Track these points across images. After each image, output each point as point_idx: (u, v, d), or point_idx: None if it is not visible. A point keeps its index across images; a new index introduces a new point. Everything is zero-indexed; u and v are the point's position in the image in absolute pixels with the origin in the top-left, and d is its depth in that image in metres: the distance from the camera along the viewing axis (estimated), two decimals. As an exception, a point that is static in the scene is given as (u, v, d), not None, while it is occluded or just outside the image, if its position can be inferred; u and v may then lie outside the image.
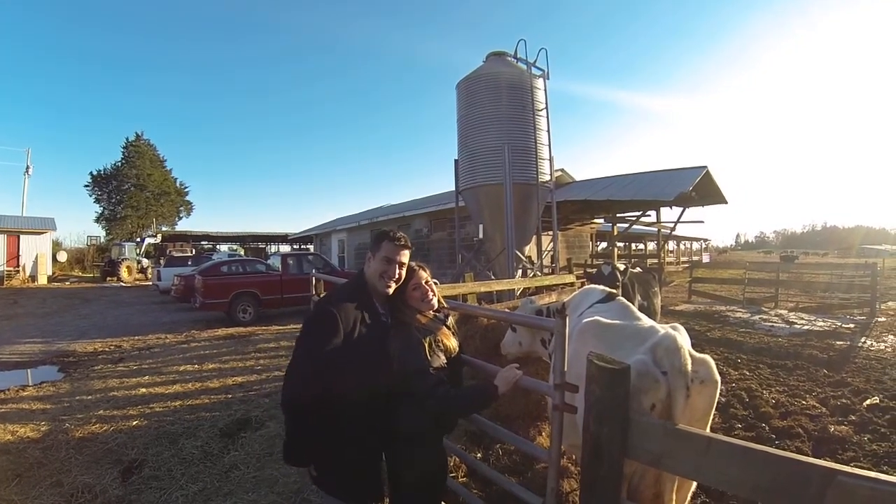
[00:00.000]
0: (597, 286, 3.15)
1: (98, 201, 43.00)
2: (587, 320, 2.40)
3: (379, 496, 1.95)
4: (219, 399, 5.23)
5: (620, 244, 20.25)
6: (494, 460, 3.43)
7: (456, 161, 9.66)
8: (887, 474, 1.02)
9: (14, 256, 23.39)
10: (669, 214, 14.01)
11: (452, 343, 2.03)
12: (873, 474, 0.99)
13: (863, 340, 8.03)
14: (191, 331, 9.93)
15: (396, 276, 1.92)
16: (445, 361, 1.96)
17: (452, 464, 3.05)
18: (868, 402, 4.67)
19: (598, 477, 1.48)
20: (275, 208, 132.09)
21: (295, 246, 37.17)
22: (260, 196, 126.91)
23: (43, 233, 24.84)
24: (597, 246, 21.90)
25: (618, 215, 14.43)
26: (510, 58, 9.31)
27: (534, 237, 9.66)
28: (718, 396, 1.96)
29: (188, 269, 15.26)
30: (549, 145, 9.16)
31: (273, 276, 11.78)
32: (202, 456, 3.76)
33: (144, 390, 5.59)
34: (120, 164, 42.88)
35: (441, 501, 2.13)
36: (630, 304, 2.67)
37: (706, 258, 41.59)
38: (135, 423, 4.47)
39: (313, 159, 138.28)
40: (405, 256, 1.94)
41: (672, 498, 1.95)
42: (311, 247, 30.73)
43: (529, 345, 3.36)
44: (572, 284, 7.01)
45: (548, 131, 9.11)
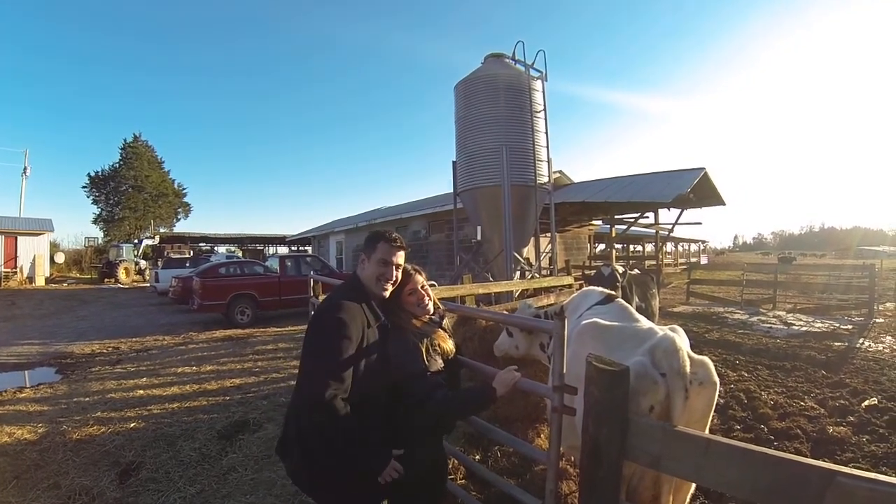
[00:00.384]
0: (596, 288, 3.15)
1: (96, 202, 42.93)
2: (586, 322, 2.40)
3: (380, 498, 1.94)
4: (217, 401, 5.21)
5: (618, 246, 20.25)
6: (493, 462, 3.42)
7: (454, 163, 9.67)
8: (886, 475, 1.02)
9: (11, 258, 23.31)
10: (667, 216, 14.06)
11: (449, 345, 2.02)
12: (872, 475, 0.99)
13: (861, 341, 8.05)
14: (188, 332, 9.91)
15: (393, 279, 1.91)
16: (443, 364, 1.95)
17: (451, 465, 3.04)
18: (866, 403, 4.68)
19: (597, 479, 1.48)
20: (273, 210, 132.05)
21: (293, 248, 37.11)
22: (258, 198, 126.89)
23: (40, 234, 24.76)
24: (595, 248, 21.93)
25: (616, 217, 14.46)
26: (508, 59, 9.33)
27: (532, 239, 9.67)
28: (717, 398, 1.96)
29: (186, 271, 15.25)
30: (548, 147, 9.18)
31: (271, 278, 11.75)
32: (200, 458, 3.75)
33: (142, 392, 5.57)
34: (118, 166, 42.78)
35: (440, 503, 2.12)
36: (629, 306, 2.67)
37: (704, 260, 41.61)
38: (132, 425, 4.45)
39: (312, 161, 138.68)
40: (401, 258, 1.92)
41: (670, 499, 1.96)
42: (309, 248, 30.67)
43: (526, 349, 3.35)
44: (570, 286, 7.01)
45: (546, 133, 9.14)
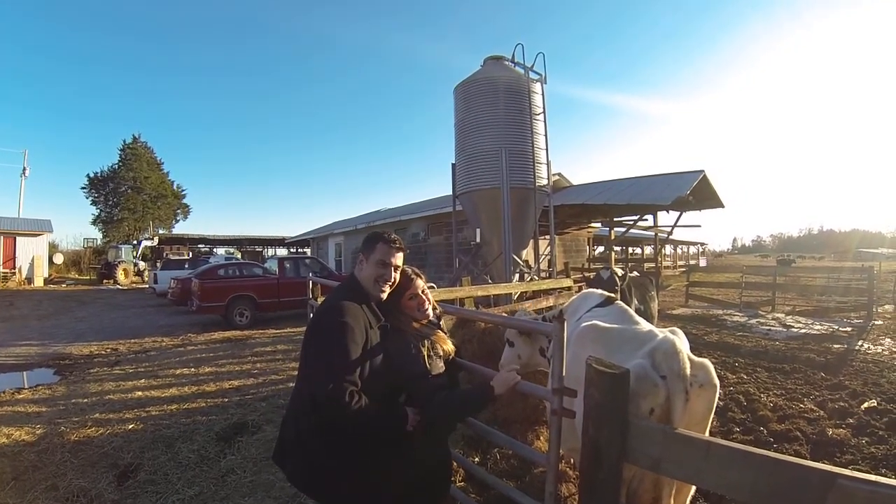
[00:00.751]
0: (595, 290, 3.14)
1: (95, 203, 42.92)
2: (585, 324, 2.39)
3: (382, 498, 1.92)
4: (215, 403, 5.20)
5: (617, 248, 20.27)
6: (492, 464, 3.41)
7: (453, 165, 9.68)
8: (886, 477, 1.02)
9: (10, 258, 23.27)
10: (666, 218, 14.09)
11: (449, 347, 2.03)
12: (873, 478, 0.99)
13: (860, 344, 8.06)
14: (187, 334, 9.88)
15: (392, 280, 1.90)
16: (444, 367, 1.95)
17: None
18: (866, 405, 4.68)
19: (597, 481, 1.48)
20: (272, 212, 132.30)
21: (292, 249, 37.12)
22: (257, 199, 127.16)
23: (39, 235, 24.73)
24: (594, 250, 21.95)
25: (615, 219, 14.46)
26: (508, 62, 9.35)
27: (531, 241, 9.67)
28: (717, 400, 1.95)
29: (185, 273, 15.25)
30: (547, 149, 9.19)
31: (270, 280, 11.74)
32: (198, 460, 3.74)
33: (140, 394, 5.56)
34: (117, 167, 42.78)
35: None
36: (629, 309, 2.67)
37: (703, 262, 41.69)
38: (131, 427, 4.44)
39: (311, 162, 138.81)
40: (399, 259, 1.92)
41: (671, 502, 1.95)
42: (308, 250, 30.68)
43: (529, 356, 3.28)
44: (569, 288, 7.02)
45: (545, 135, 9.15)
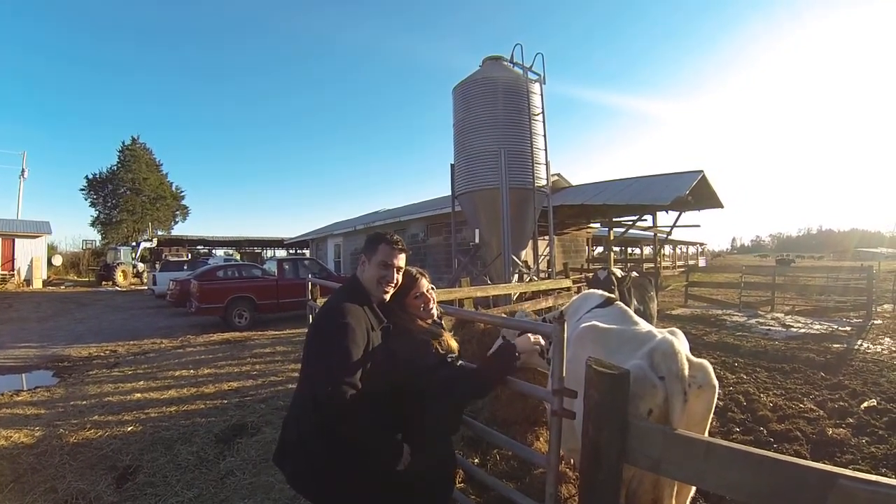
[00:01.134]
0: (595, 291, 3.14)
1: (94, 205, 42.94)
2: (584, 325, 2.39)
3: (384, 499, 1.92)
4: (214, 404, 5.19)
5: (617, 248, 20.27)
6: (492, 466, 3.41)
7: (452, 165, 9.68)
8: (886, 477, 1.02)
9: (9, 260, 23.26)
10: (666, 219, 14.05)
11: (454, 344, 2.04)
12: (874, 478, 0.99)
13: (859, 343, 8.06)
14: (186, 336, 9.87)
15: (394, 281, 1.90)
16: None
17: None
18: (865, 405, 4.68)
19: (597, 482, 1.48)
20: (271, 213, 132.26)
21: (291, 251, 37.07)
22: (256, 201, 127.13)
23: (38, 236, 24.71)
24: (593, 250, 21.95)
25: (614, 220, 14.45)
26: (507, 62, 9.35)
27: (530, 242, 9.68)
28: (716, 401, 1.95)
29: (184, 274, 15.26)
30: (546, 150, 9.21)
31: (269, 281, 11.73)
32: (197, 462, 3.73)
33: (139, 395, 5.54)
34: (116, 168, 42.78)
35: None
36: (628, 309, 2.66)
37: (702, 262, 41.72)
38: (130, 429, 4.43)
39: (310, 163, 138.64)
40: (402, 260, 1.92)
41: (671, 503, 1.95)
42: (308, 251, 30.64)
43: (527, 356, 3.30)
44: (569, 289, 7.02)
45: (544, 136, 9.16)
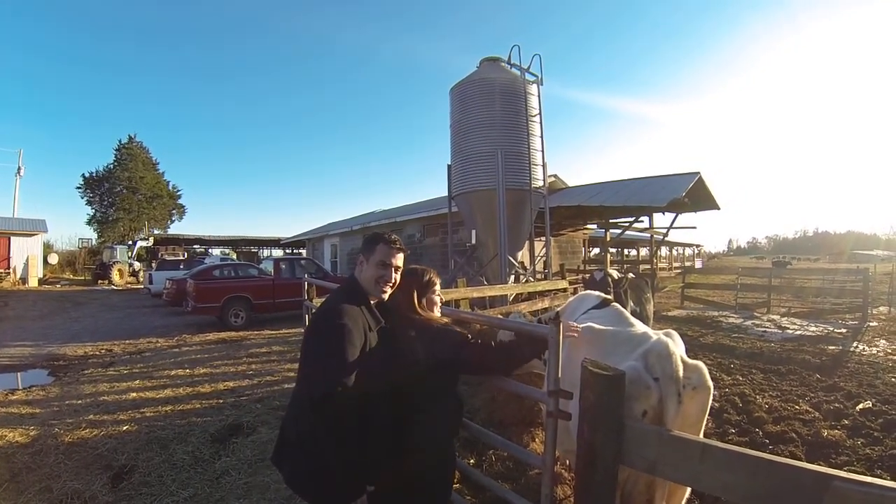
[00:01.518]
0: (592, 292, 3.16)
1: (90, 203, 42.66)
2: (580, 326, 2.40)
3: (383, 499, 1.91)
4: (210, 404, 5.17)
5: (613, 250, 20.31)
6: (488, 466, 3.41)
7: (449, 166, 9.69)
8: (881, 478, 1.02)
9: (4, 258, 23.10)
10: (662, 220, 14.11)
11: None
12: (868, 479, 0.99)
13: (855, 345, 8.09)
14: (182, 335, 9.83)
15: (392, 281, 1.89)
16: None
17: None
18: (861, 407, 4.71)
19: (593, 483, 1.48)
20: (268, 212, 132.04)
21: (287, 250, 36.99)
22: (253, 200, 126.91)
23: (34, 235, 24.56)
24: (589, 252, 22.00)
25: (610, 221, 14.49)
26: (504, 63, 9.36)
27: (526, 243, 9.68)
28: (712, 402, 1.96)
29: (180, 273, 15.20)
30: (543, 151, 9.22)
31: (265, 281, 11.71)
32: (193, 462, 3.72)
33: (135, 395, 5.52)
34: (112, 167, 42.55)
35: None
36: (624, 311, 2.67)
37: (698, 264, 41.85)
38: (125, 429, 4.41)
39: (307, 163, 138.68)
40: (400, 259, 1.92)
41: (666, 504, 1.95)
42: (304, 251, 30.59)
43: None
44: (565, 290, 7.03)
45: (541, 137, 9.17)
